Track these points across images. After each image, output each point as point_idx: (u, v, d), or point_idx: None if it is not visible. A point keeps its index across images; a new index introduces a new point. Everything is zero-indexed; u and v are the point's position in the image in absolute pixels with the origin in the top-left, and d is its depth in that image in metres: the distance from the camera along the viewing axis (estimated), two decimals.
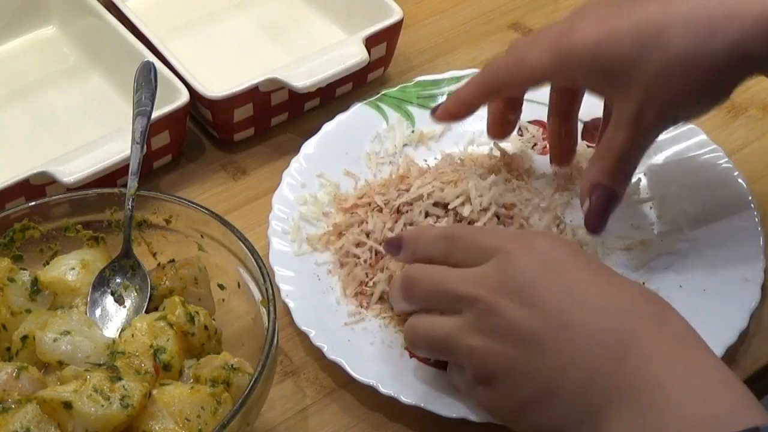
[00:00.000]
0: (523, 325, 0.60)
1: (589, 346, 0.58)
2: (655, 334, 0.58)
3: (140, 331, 0.67)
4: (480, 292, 0.61)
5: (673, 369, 0.56)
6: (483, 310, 0.61)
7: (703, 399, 0.55)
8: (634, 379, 0.56)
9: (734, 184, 0.80)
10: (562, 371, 0.58)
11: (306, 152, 0.84)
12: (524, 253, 0.62)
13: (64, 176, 0.79)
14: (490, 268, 0.62)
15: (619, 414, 0.56)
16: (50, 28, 0.99)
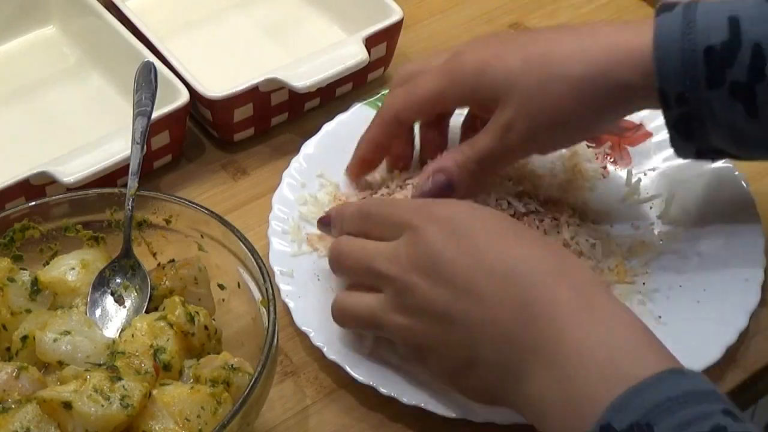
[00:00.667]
0: (435, 301, 0.63)
1: (497, 315, 0.61)
2: (555, 290, 0.60)
3: (140, 331, 0.67)
4: (394, 271, 0.64)
5: (574, 321, 0.59)
6: (399, 288, 0.64)
7: (602, 344, 0.57)
8: (540, 337, 0.59)
9: (734, 184, 0.80)
10: (477, 340, 0.61)
11: (306, 152, 0.84)
12: (430, 226, 0.64)
13: (64, 176, 0.79)
14: (401, 244, 0.65)
15: (533, 371, 0.59)
16: (50, 28, 0.99)
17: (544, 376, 0.58)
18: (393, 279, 0.64)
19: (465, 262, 0.62)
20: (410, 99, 0.75)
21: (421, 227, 0.64)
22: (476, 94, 0.73)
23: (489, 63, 0.71)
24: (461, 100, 0.76)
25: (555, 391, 0.58)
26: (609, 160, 0.84)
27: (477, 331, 0.61)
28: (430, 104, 0.75)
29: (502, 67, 0.71)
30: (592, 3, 1.02)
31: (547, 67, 0.69)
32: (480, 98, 0.73)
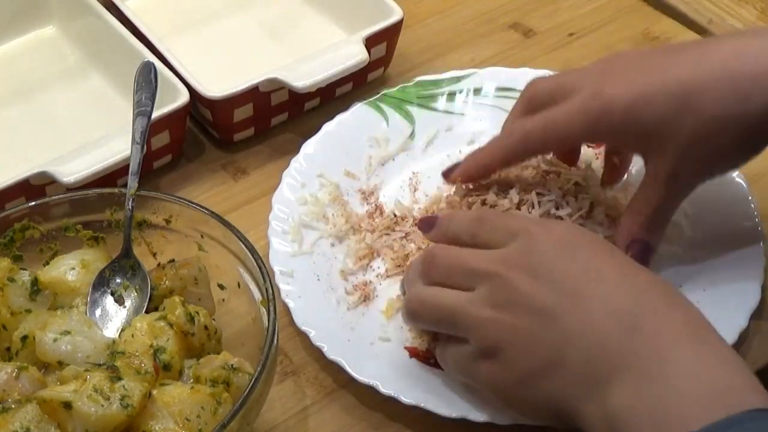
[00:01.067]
0: (537, 297, 0.61)
1: (602, 317, 0.59)
2: (668, 312, 0.59)
3: (140, 331, 0.67)
4: (498, 268, 0.63)
5: (683, 345, 0.57)
6: (498, 284, 0.62)
7: (711, 374, 0.56)
8: (643, 350, 0.58)
9: (734, 184, 0.80)
10: (571, 340, 0.60)
11: (306, 152, 0.84)
12: (545, 236, 0.63)
13: (64, 176, 0.79)
14: (511, 248, 0.64)
15: (624, 383, 0.57)
16: (50, 28, 0.99)
17: (635, 389, 0.57)
18: (493, 275, 0.63)
19: (576, 269, 0.62)
20: (547, 138, 0.72)
21: (535, 234, 0.63)
22: (621, 140, 0.71)
23: (634, 108, 0.67)
24: (603, 141, 0.75)
25: (643, 406, 0.56)
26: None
27: (574, 332, 0.60)
28: (569, 145, 0.75)
29: (650, 113, 0.67)
30: (592, 3, 1.02)
31: (700, 109, 0.66)
32: (625, 144, 0.72)
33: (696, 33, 0.98)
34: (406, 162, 0.85)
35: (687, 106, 0.66)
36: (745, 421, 0.53)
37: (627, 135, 0.69)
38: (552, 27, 1.00)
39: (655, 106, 0.67)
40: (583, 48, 0.97)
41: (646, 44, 0.97)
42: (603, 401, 0.58)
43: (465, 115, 0.88)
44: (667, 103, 0.66)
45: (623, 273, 0.62)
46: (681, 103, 0.66)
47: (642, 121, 0.67)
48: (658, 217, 0.71)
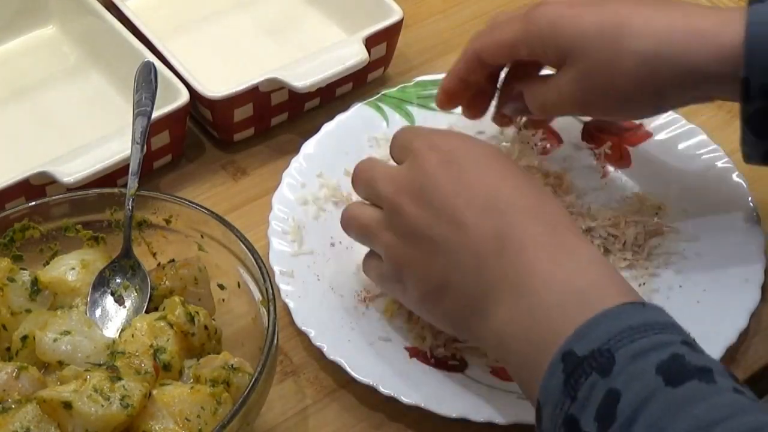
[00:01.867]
0: (418, 223, 0.65)
1: (472, 243, 0.63)
2: (529, 225, 0.63)
3: (140, 331, 0.67)
4: (388, 191, 0.67)
5: (544, 254, 0.61)
6: (390, 208, 0.67)
7: (569, 278, 0.60)
8: (511, 268, 0.61)
9: (734, 184, 0.80)
10: (453, 265, 0.64)
11: (306, 152, 0.84)
12: (429, 153, 0.67)
13: (64, 176, 0.79)
14: (404, 167, 0.68)
15: (500, 300, 0.61)
16: (50, 28, 0.99)
17: (511, 306, 0.60)
18: (386, 198, 0.67)
19: (451, 189, 0.65)
20: (490, 41, 0.76)
21: (421, 153, 0.67)
22: (546, 48, 0.73)
23: (564, 21, 0.71)
24: (532, 51, 0.75)
25: (520, 321, 0.60)
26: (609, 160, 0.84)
27: (453, 256, 0.64)
28: (506, 50, 0.76)
29: (576, 28, 0.71)
30: None
31: (620, 38, 0.69)
32: (549, 54, 0.73)
33: None
34: None
35: (610, 31, 0.70)
36: (621, 312, 0.56)
37: (549, 43, 0.72)
38: None
39: (584, 22, 0.71)
40: None
41: None
42: (488, 322, 0.62)
43: None
44: (595, 22, 0.70)
45: (491, 188, 0.64)
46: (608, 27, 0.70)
47: (568, 31, 0.71)
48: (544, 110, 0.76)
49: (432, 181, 0.65)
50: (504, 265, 0.62)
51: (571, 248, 0.62)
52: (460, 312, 0.65)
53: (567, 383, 0.55)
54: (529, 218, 0.63)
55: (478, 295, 0.63)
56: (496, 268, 0.62)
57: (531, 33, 0.73)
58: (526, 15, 0.73)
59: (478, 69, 0.78)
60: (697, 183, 0.81)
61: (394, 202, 0.66)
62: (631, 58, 0.69)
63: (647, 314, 0.57)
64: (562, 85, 0.73)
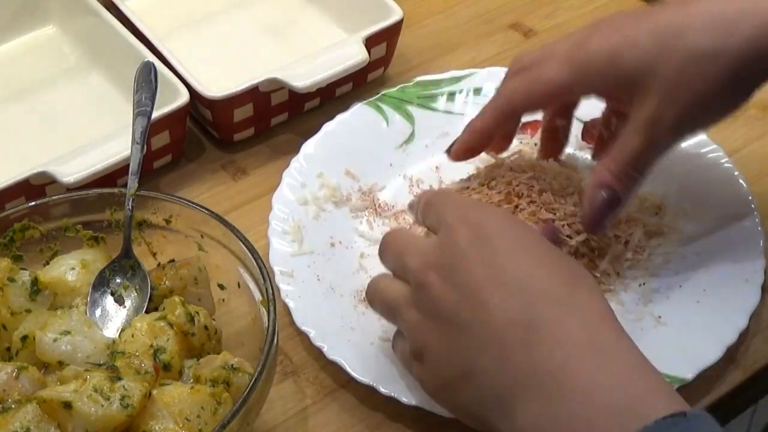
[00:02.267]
0: (445, 302, 0.61)
1: (500, 329, 0.58)
2: (564, 320, 0.57)
3: (140, 331, 0.67)
4: (416, 266, 0.63)
5: (580, 356, 0.56)
6: (418, 284, 0.62)
7: (611, 386, 0.55)
8: (540, 365, 0.56)
9: (734, 184, 0.80)
10: (478, 352, 0.59)
11: (306, 152, 0.84)
12: (461, 227, 0.62)
13: (64, 176, 0.79)
14: (434, 241, 0.64)
15: (527, 400, 0.56)
16: (50, 28, 0.99)
17: (540, 409, 0.56)
18: (414, 273, 0.63)
19: (481, 270, 0.60)
20: (532, 90, 0.70)
21: (453, 226, 0.62)
22: (608, 85, 0.68)
23: (619, 50, 0.66)
24: (590, 91, 0.71)
25: (548, 428, 0.55)
26: None
27: (479, 342, 0.59)
28: (555, 97, 0.71)
29: (635, 53, 0.65)
30: (592, 3, 1.02)
31: (684, 46, 0.64)
32: (612, 89, 0.69)
33: None
34: (406, 162, 0.85)
35: (672, 44, 0.65)
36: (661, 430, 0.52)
37: (613, 79, 0.67)
38: (552, 27, 1.00)
39: (641, 45, 0.65)
40: None
41: None
42: (511, 420, 0.57)
43: (465, 115, 0.88)
44: (651, 42, 0.65)
45: (524, 273, 0.60)
46: (666, 41, 0.65)
47: (627, 61, 0.66)
48: (632, 166, 0.68)
49: (462, 259, 0.61)
50: (533, 359, 0.56)
51: (609, 349, 0.56)
52: (482, 404, 0.59)
53: None
54: (563, 311, 0.58)
55: (502, 388, 0.57)
56: (523, 361, 0.57)
57: (584, 75, 0.68)
58: (573, 56, 0.68)
59: (510, 121, 0.74)
60: (697, 183, 0.81)
61: (422, 279, 0.62)
62: (705, 63, 0.64)
63: (692, 427, 0.52)
64: (644, 124, 0.66)
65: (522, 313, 0.58)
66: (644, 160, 0.68)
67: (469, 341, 0.59)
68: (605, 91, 0.71)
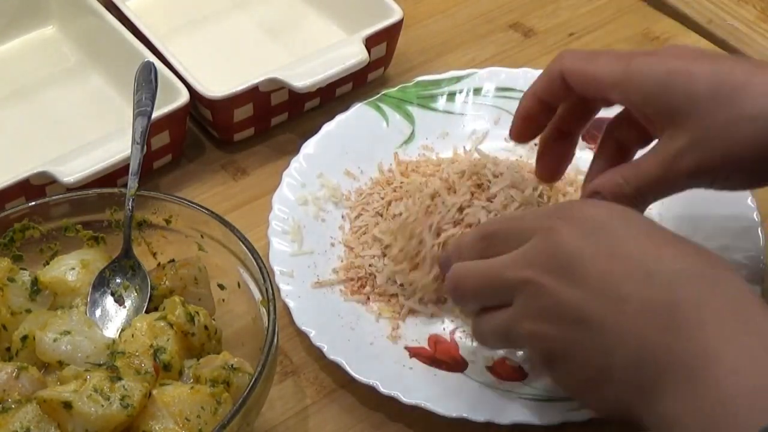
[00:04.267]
0: (569, 303, 0.58)
1: (637, 318, 0.55)
2: (707, 299, 0.55)
3: (140, 331, 0.67)
4: (525, 274, 0.60)
5: (728, 336, 0.53)
6: (531, 293, 0.59)
7: (757, 365, 0.52)
8: (686, 348, 0.54)
9: None
10: (612, 348, 0.56)
11: (306, 152, 0.84)
12: (565, 225, 0.60)
13: (64, 176, 0.79)
14: (531, 246, 0.60)
15: (674, 386, 0.54)
16: (50, 28, 0.99)
17: (686, 394, 0.53)
18: (523, 282, 0.59)
19: (603, 262, 0.57)
20: (582, 66, 0.68)
21: (555, 227, 0.60)
22: (648, 104, 0.66)
23: (676, 78, 0.64)
24: (629, 102, 0.68)
25: (697, 414, 0.52)
26: None
27: (613, 336, 0.56)
28: (597, 84, 0.68)
29: (688, 87, 0.63)
30: (592, 3, 1.02)
31: (739, 102, 0.62)
32: (651, 111, 0.66)
33: (696, 33, 0.98)
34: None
35: (725, 95, 0.62)
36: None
37: (656, 100, 0.65)
38: (552, 27, 1.00)
39: (697, 82, 0.63)
40: (583, 48, 0.97)
41: (646, 44, 0.97)
42: (658, 408, 0.55)
43: (465, 115, 0.88)
44: (708, 84, 0.63)
45: (653, 256, 0.57)
46: (723, 90, 0.63)
47: (678, 90, 0.64)
48: (636, 189, 0.66)
49: (576, 253, 0.58)
50: (675, 344, 0.54)
51: (758, 327, 0.54)
52: (623, 400, 0.57)
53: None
54: (703, 290, 0.55)
55: (644, 381, 0.55)
56: (665, 347, 0.54)
57: (632, 83, 0.65)
58: (631, 62, 0.66)
59: (557, 91, 0.70)
60: None
61: (534, 284, 0.59)
62: (752, 125, 0.62)
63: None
64: (669, 155, 0.64)
65: (659, 296, 0.55)
66: (650, 187, 0.67)
67: (602, 337, 0.57)
68: (641, 108, 0.68)
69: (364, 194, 0.82)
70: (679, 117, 0.64)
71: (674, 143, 0.64)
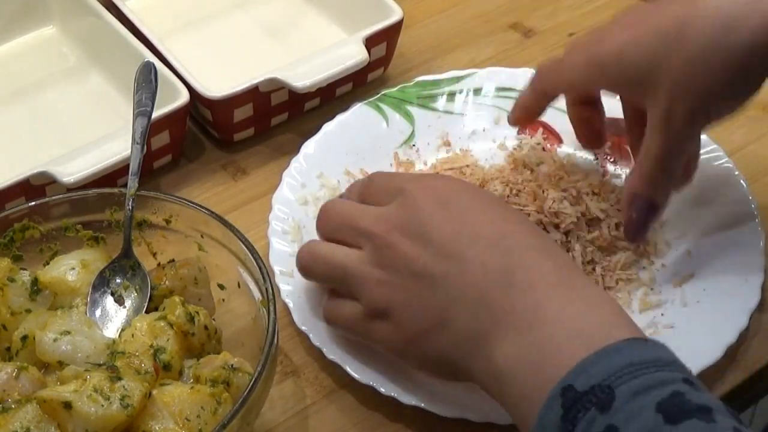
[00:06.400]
0: (416, 259, 0.64)
1: (477, 278, 0.62)
2: (539, 264, 0.62)
3: (140, 331, 0.67)
4: (379, 228, 0.66)
5: (553, 292, 0.60)
6: (380, 245, 0.65)
7: (578, 315, 0.59)
8: (518, 304, 0.60)
9: (734, 184, 0.80)
10: (452, 303, 0.62)
11: (306, 152, 0.84)
12: (422, 192, 0.66)
13: (64, 176, 0.79)
14: (392, 207, 0.66)
15: (504, 336, 0.60)
16: (50, 28, 0.99)
17: (515, 340, 0.59)
18: (375, 235, 0.66)
19: (451, 227, 0.64)
20: (557, 80, 0.75)
21: (413, 193, 0.66)
22: (618, 84, 0.71)
23: (626, 50, 0.68)
24: (603, 88, 0.75)
25: (523, 355, 0.59)
26: (609, 160, 0.84)
27: (454, 291, 0.62)
28: (576, 89, 0.75)
29: (641, 51, 0.67)
30: (592, 3, 1.02)
31: (688, 43, 0.65)
32: (625, 88, 0.72)
33: None
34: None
35: (675, 41, 0.66)
36: (623, 348, 0.56)
37: (621, 78, 0.69)
38: (552, 27, 1.00)
39: (646, 44, 0.67)
40: None
41: None
42: (488, 356, 0.60)
43: (465, 115, 0.88)
44: (656, 41, 0.67)
45: (496, 228, 0.64)
46: (669, 38, 0.66)
47: (633, 60, 0.68)
48: (659, 168, 0.69)
49: (429, 219, 0.64)
50: (511, 300, 0.61)
51: (579, 287, 0.61)
52: (456, 348, 0.63)
53: (565, 418, 0.54)
54: (537, 256, 0.62)
55: (480, 330, 0.61)
56: (500, 304, 0.61)
57: (598, 74, 0.71)
58: (589, 55, 0.71)
59: (544, 99, 0.77)
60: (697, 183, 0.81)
61: (384, 239, 0.65)
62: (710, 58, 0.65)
63: (650, 351, 0.56)
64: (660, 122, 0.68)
65: (499, 261, 0.62)
66: (669, 157, 0.69)
67: (444, 292, 0.63)
68: (616, 89, 0.73)
69: None
70: (647, 82, 0.67)
71: (659, 106, 0.68)
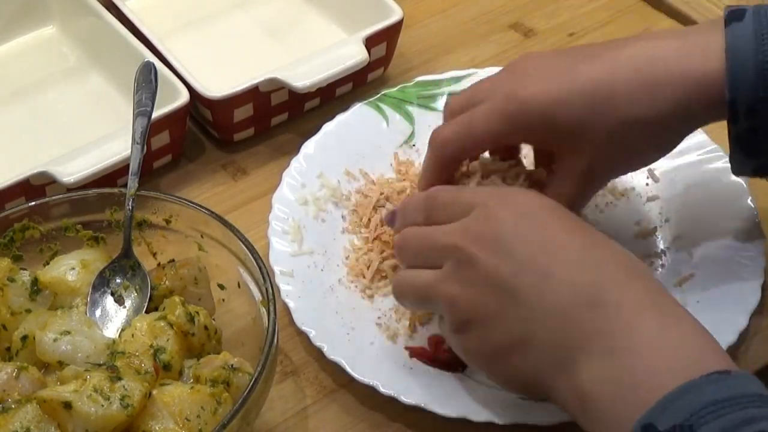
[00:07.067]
0: (498, 274, 0.62)
1: (563, 295, 0.60)
2: (629, 284, 0.60)
3: (140, 331, 0.67)
4: (458, 242, 0.63)
5: (645, 316, 0.58)
6: (461, 259, 0.63)
7: (673, 344, 0.57)
8: (606, 324, 0.58)
9: (734, 184, 0.80)
10: (535, 320, 0.60)
11: (306, 152, 0.84)
12: (502, 206, 0.64)
13: (64, 176, 0.79)
14: (469, 221, 0.64)
15: (590, 358, 0.58)
16: (50, 28, 0.99)
17: (602, 363, 0.57)
18: (455, 249, 0.63)
19: (534, 242, 0.62)
20: (467, 140, 0.72)
21: (492, 205, 0.64)
22: (541, 140, 0.72)
23: (552, 109, 0.68)
24: (523, 141, 0.75)
25: (609, 380, 0.57)
26: None
27: (539, 307, 0.60)
28: (489, 145, 0.74)
29: (568, 112, 0.68)
30: (592, 3, 1.02)
31: (614, 112, 0.68)
32: (545, 143, 0.73)
33: None
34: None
35: (601, 107, 0.68)
36: (705, 384, 0.54)
37: (544, 134, 0.70)
38: (552, 27, 1.00)
39: (572, 107, 0.68)
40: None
41: None
42: (572, 377, 0.59)
43: None
44: (583, 104, 0.68)
45: (583, 244, 0.62)
46: (595, 104, 0.68)
47: (559, 121, 0.68)
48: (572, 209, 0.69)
49: (512, 232, 0.62)
50: (598, 320, 0.59)
51: (672, 314, 0.59)
52: (539, 366, 0.61)
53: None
54: (626, 277, 0.60)
55: (564, 349, 0.59)
56: (588, 321, 0.59)
57: (519, 129, 0.70)
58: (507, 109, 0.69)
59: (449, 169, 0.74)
60: (697, 183, 0.81)
61: (466, 252, 0.63)
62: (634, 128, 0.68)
63: (734, 385, 0.54)
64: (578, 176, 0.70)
65: (584, 279, 0.60)
66: (579, 204, 0.72)
67: (527, 307, 0.61)
68: (534, 142, 0.74)
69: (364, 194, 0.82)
70: (571, 141, 0.69)
71: (578, 165, 0.70)
